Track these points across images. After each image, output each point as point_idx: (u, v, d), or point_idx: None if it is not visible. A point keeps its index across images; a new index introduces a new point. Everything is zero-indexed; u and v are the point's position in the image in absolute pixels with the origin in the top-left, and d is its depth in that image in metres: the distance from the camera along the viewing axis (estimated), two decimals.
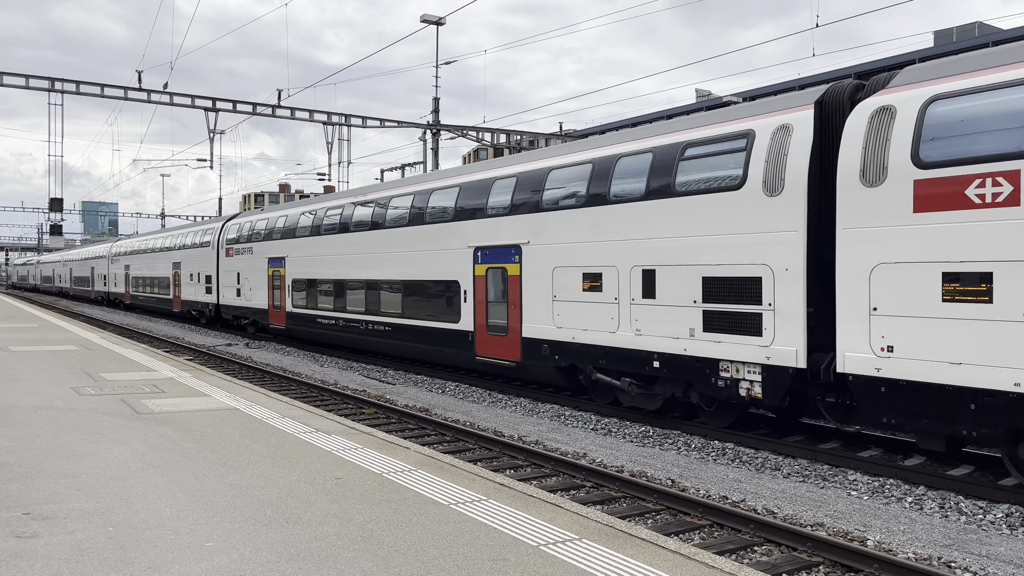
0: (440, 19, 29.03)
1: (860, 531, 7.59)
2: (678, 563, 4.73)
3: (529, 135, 36.12)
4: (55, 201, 35.09)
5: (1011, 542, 7.40)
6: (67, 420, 9.03)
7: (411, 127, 33.48)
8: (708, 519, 7.91)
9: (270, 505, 5.81)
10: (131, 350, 17.63)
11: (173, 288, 37.41)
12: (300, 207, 25.61)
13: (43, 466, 6.90)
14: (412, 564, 4.64)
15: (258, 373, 18.85)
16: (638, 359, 12.46)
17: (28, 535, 5.09)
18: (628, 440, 11.83)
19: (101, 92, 28.02)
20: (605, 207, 13.09)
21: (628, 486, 8.89)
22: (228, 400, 10.71)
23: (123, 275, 47.92)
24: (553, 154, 14.84)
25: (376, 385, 17.40)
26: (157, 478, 6.54)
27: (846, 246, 9.50)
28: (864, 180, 9.29)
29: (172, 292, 37.55)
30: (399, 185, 20.14)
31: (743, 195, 10.86)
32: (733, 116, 11.46)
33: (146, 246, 43.35)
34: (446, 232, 17.31)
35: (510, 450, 10.75)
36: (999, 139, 8.17)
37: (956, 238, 8.46)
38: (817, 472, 9.82)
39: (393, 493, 6.20)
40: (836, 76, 41.12)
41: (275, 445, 7.88)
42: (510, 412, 14.18)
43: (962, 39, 39.54)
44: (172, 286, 37.52)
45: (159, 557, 4.71)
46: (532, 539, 5.13)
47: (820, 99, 10.44)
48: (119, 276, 49.19)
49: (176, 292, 36.94)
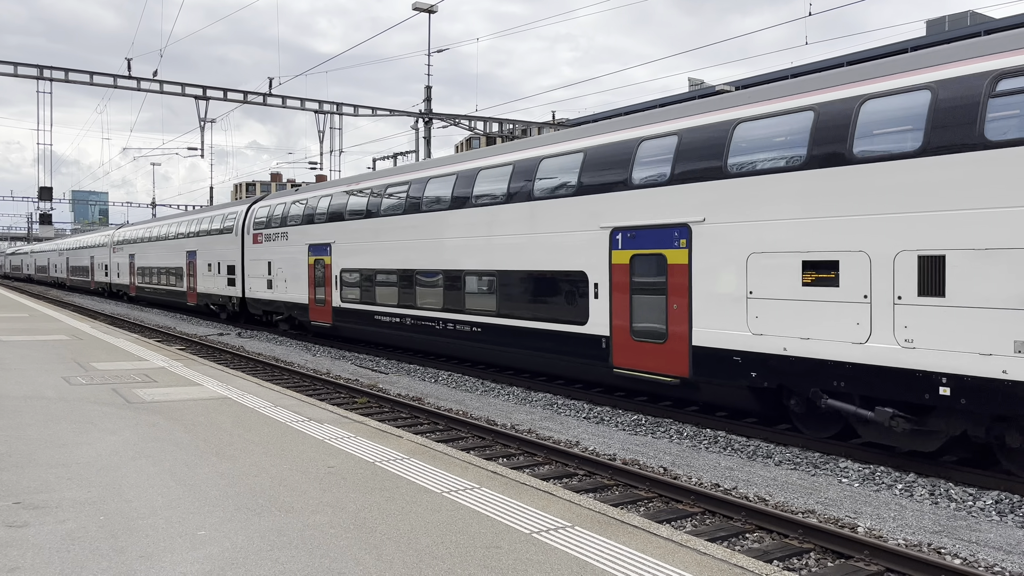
0: (432, 6, 28.86)
1: (851, 518, 7.63)
2: (670, 550, 4.75)
3: (522, 124, 36.04)
4: (44, 190, 34.84)
5: (1001, 528, 7.45)
6: (58, 410, 8.99)
7: (403, 115, 33.35)
8: (700, 507, 7.94)
9: (262, 494, 5.80)
10: (122, 340, 17.56)
11: (187, 279, 33.87)
12: (350, 184, 22.10)
13: (34, 456, 6.87)
14: (405, 552, 4.65)
15: (250, 362, 18.80)
16: (909, 382, 8.98)
17: (19, 524, 5.07)
18: (621, 428, 11.86)
19: (90, 80, 27.79)
20: (845, 169, 9.57)
21: (620, 474, 8.91)
22: (220, 389, 10.68)
23: (127, 265, 44.32)
24: (741, 103, 11.22)
25: (369, 374, 17.38)
26: (149, 467, 6.52)
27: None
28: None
29: (186, 284, 34.06)
30: (491, 154, 16.52)
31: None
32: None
33: (154, 233, 39.80)
34: (566, 210, 13.81)
35: (503, 439, 10.76)
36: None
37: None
38: (808, 460, 9.86)
39: (386, 481, 6.20)
40: (830, 65, 41.11)
41: (267, 434, 7.87)
42: (503, 401, 14.19)
43: (954, 28, 39.57)
44: (186, 277, 34.01)
45: (151, 546, 4.70)
46: (525, 527, 5.14)
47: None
48: (123, 266, 45.43)
49: (191, 284, 33.42)
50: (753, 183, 10.65)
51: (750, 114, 10.88)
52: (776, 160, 10.43)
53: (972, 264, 8.42)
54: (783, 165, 10.29)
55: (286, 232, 24.79)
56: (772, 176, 10.42)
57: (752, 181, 10.66)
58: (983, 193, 8.31)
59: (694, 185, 11.40)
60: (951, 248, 8.55)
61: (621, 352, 12.65)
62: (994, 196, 8.22)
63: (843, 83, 9.91)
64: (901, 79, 9.27)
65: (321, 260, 22.45)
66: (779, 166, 10.35)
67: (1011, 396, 8.14)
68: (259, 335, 26.18)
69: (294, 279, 24.13)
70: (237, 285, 28.57)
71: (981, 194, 8.32)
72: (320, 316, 22.61)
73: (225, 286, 29.66)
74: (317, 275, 22.66)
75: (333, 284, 21.78)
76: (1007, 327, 8.15)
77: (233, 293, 28.98)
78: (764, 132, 10.69)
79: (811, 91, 10.29)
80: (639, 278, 12.34)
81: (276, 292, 25.42)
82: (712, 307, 11.11)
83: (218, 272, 30.29)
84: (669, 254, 11.82)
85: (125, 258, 44.97)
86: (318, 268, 22.59)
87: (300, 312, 23.89)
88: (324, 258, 22.28)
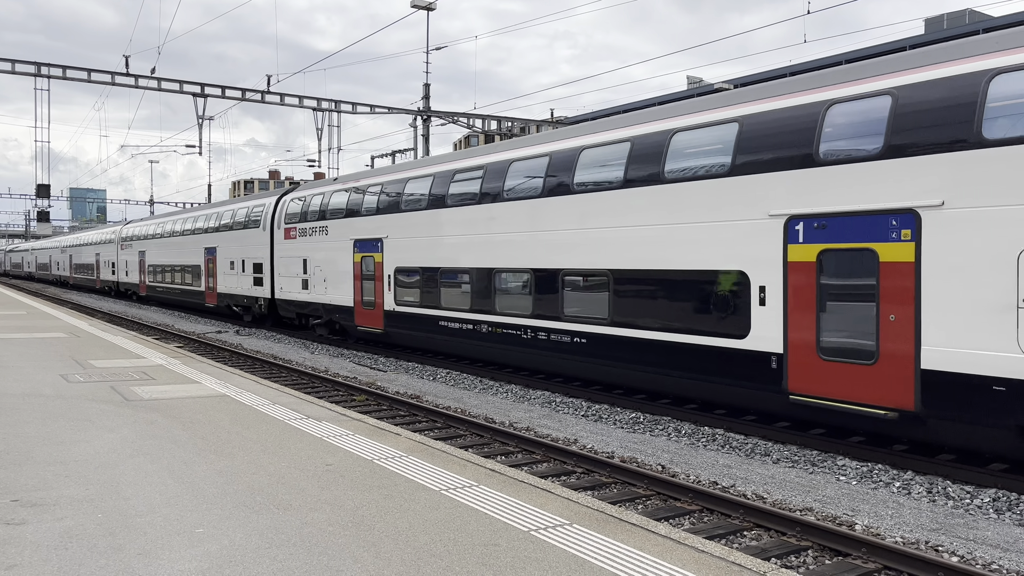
0: (431, 3, 28.83)
1: (848, 515, 7.64)
2: (668, 547, 4.75)
3: (521, 121, 36.01)
4: (42, 187, 34.82)
5: (998, 526, 7.46)
6: (56, 407, 8.98)
7: (402, 113, 33.32)
8: (698, 504, 7.95)
9: (260, 491, 5.80)
10: (120, 337, 17.55)
11: (205, 278, 31.39)
12: (407, 170, 19.29)
13: (31, 453, 6.87)
14: (403, 549, 4.65)
15: (248, 360, 18.80)
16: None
17: (17, 522, 5.06)
18: (619, 426, 11.86)
19: (88, 77, 27.75)
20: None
21: (619, 472, 8.92)
22: (218, 387, 10.68)
23: (137, 262, 41.65)
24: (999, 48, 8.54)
25: (367, 372, 17.38)
26: (147, 465, 6.52)
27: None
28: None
29: (204, 283, 31.58)
30: (593, 131, 13.86)
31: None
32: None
33: (168, 229, 37.05)
34: (715, 195, 11.20)
35: (501, 436, 10.77)
36: None
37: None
38: (806, 458, 9.87)
39: (384, 479, 6.20)
40: (828, 63, 41.11)
41: (265, 432, 7.86)
42: (501, 399, 14.19)
43: (952, 26, 39.57)
44: (204, 275, 31.52)
45: (149, 543, 4.70)
46: (523, 524, 5.14)
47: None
48: (132, 263, 42.76)
49: (209, 283, 30.99)
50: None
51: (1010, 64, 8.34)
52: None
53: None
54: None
55: (326, 226, 22.01)
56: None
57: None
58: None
59: (927, 158, 8.83)
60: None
61: (802, 374, 10.03)
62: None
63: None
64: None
65: (370, 257, 19.88)
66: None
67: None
68: (257, 333, 26.16)
69: (336, 279, 21.46)
70: (265, 285, 26.01)
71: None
72: (368, 321, 19.96)
73: (251, 286, 27.07)
74: (365, 274, 20.16)
75: (385, 284, 19.24)
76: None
77: (260, 294, 26.42)
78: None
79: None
80: (830, 279, 9.76)
81: (313, 293, 22.79)
82: (955, 319, 8.58)
83: (242, 270, 27.76)
84: (882, 249, 9.23)
85: (134, 255, 42.38)
86: (366, 266, 20.09)
87: (343, 316, 21.15)
88: (374, 255, 19.68)
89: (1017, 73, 8.19)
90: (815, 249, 9.92)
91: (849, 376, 9.54)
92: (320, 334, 23.39)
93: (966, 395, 8.50)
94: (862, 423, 9.82)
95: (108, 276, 48.85)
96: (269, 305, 25.97)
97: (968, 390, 8.47)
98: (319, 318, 22.99)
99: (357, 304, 20.39)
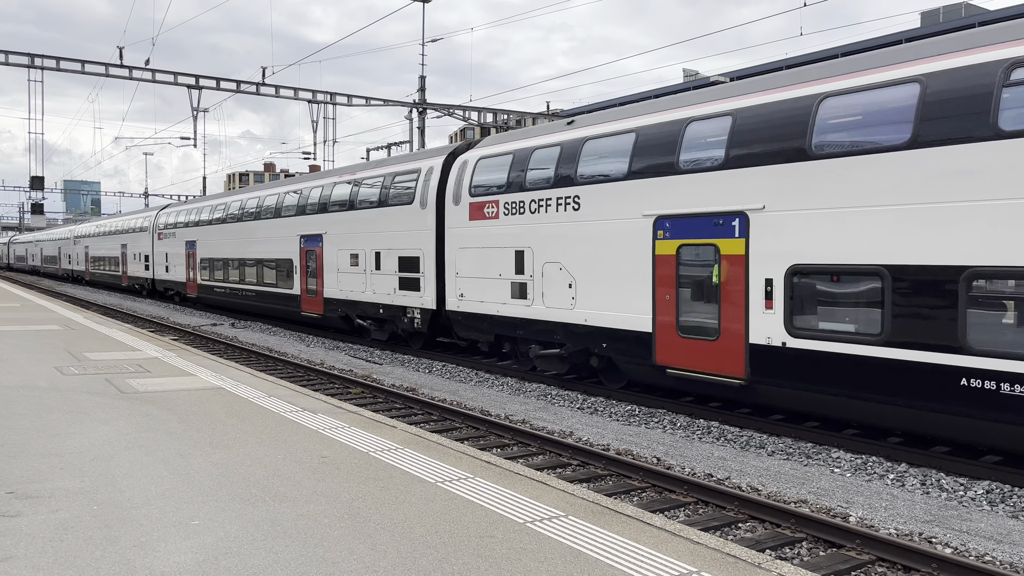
0: None
1: (843, 508, 7.68)
2: (663, 539, 4.77)
3: (516, 114, 35.94)
4: (36, 179, 34.64)
5: (992, 518, 7.50)
6: (51, 400, 8.96)
7: (397, 105, 33.23)
8: (693, 496, 7.98)
9: (256, 484, 5.80)
10: (115, 330, 17.51)
11: (302, 278, 23.40)
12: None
13: (26, 445, 6.85)
14: (399, 541, 4.65)
15: (244, 353, 18.77)
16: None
17: (12, 514, 5.06)
18: (614, 419, 11.88)
19: (82, 68, 27.60)
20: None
21: (614, 464, 8.94)
22: (214, 380, 10.66)
23: (183, 255, 33.79)
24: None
25: (363, 365, 17.37)
26: (142, 457, 6.51)
27: None
28: None
29: (299, 284, 23.51)
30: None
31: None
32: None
33: (231, 211, 29.12)
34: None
35: (497, 429, 10.78)
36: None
37: None
38: (801, 450, 9.90)
39: (380, 471, 6.20)
40: (823, 56, 41.09)
41: (261, 424, 7.86)
42: (497, 392, 14.20)
43: (949, 20, 39.57)
44: (300, 274, 23.52)
45: (144, 535, 4.70)
46: (519, 516, 5.15)
47: None
48: (175, 256, 34.90)
49: (307, 284, 23.15)
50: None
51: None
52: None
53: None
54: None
55: (575, 196, 13.64)
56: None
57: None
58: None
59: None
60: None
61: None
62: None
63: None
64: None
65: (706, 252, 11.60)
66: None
67: None
68: (252, 326, 26.07)
69: (600, 283, 13.16)
70: (425, 289, 17.97)
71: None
72: (696, 360, 11.55)
73: (393, 290, 19.11)
74: (665, 276, 12.02)
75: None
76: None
77: (412, 302, 18.44)
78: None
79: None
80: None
81: (539, 307, 14.45)
82: None
83: (375, 267, 19.80)
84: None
85: (178, 246, 34.08)
86: (663, 263, 11.97)
87: (625, 349, 12.75)
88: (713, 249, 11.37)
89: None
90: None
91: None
92: (552, 373, 14.86)
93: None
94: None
95: (139, 272, 40.17)
96: (431, 318, 17.90)
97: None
98: (560, 347, 14.14)
99: (660, 328, 12.02)
